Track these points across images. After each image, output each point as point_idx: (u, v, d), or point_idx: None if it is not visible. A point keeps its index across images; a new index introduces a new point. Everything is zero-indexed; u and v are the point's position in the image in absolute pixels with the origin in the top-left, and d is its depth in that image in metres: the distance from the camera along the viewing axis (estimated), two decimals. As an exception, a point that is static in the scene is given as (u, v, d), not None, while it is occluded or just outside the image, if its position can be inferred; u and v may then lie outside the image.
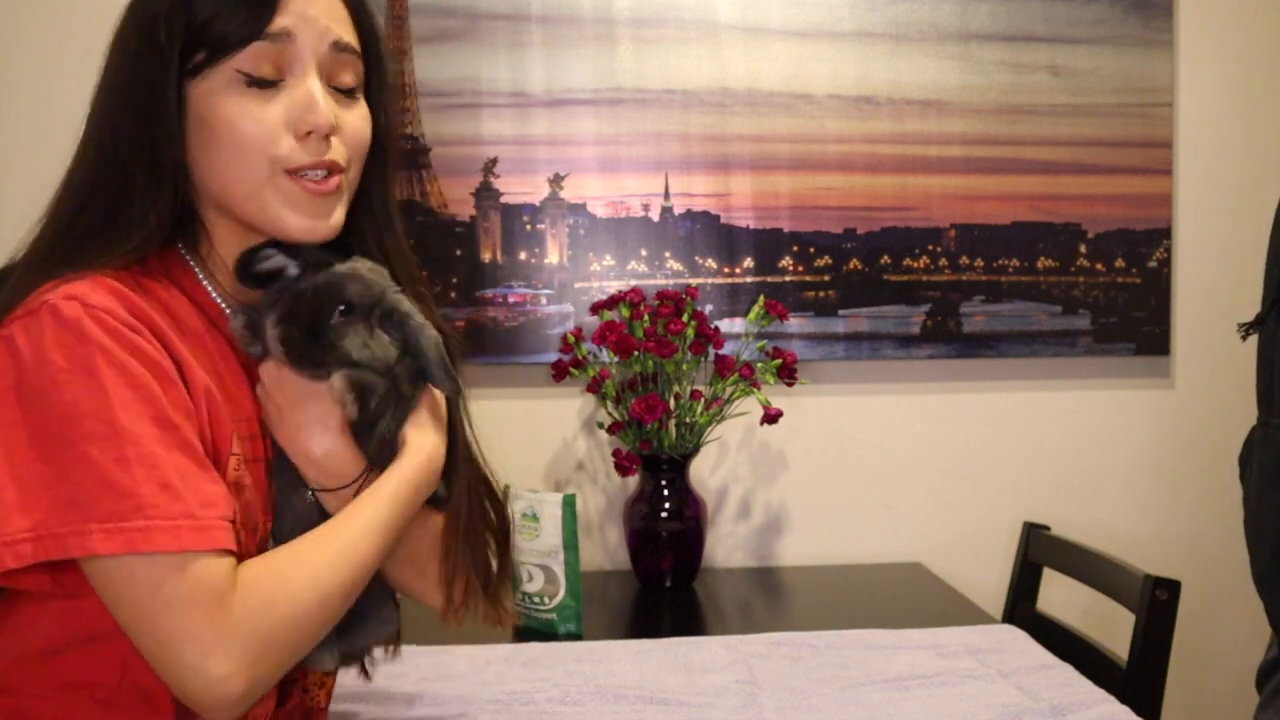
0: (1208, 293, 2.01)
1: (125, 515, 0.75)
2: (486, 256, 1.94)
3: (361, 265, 0.92)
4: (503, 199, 1.93)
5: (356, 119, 0.92)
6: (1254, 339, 1.29)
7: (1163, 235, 1.99)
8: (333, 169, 0.89)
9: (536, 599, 1.55)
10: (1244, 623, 1.93)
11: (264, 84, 0.85)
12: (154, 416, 0.78)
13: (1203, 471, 2.00)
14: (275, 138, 0.86)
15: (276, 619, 0.79)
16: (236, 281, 0.91)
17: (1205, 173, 2.00)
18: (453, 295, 1.93)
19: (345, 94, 0.91)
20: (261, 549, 0.88)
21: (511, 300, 1.94)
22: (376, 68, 0.95)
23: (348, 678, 1.32)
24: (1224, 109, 2.01)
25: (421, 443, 0.93)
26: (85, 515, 0.74)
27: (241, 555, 0.83)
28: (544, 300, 1.94)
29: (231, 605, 0.78)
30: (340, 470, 0.90)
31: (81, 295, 0.78)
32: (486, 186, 1.93)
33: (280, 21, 0.85)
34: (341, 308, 0.88)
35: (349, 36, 0.90)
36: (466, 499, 0.98)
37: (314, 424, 0.89)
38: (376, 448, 0.92)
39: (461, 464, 0.98)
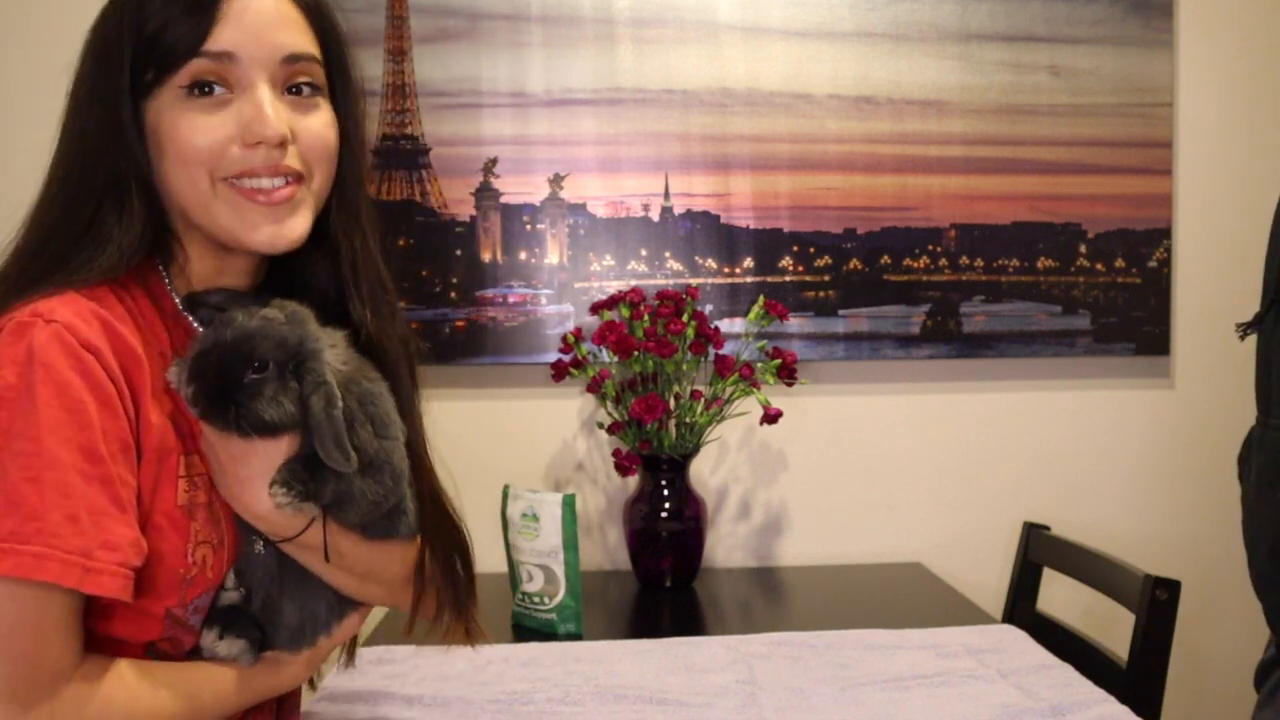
0: (1208, 293, 2.01)
1: (26, 538, 0.73)
2: (486, 256, 1.94)
3: (278, 312, 0.87)
4: (503, 199, 1.93)
5: (317, 125, 0.89)
6: (1253, 339, 1.30)
7: (1163, 235, 1.99)
8: (289, 176, 0.87)
9: (536, 599, 1.55)
10: (1244, 623, 1.93)
11: (207, 92, 0.84)
12: (82, 445, 0.76)
13: (1203, 471, 2.00)
14: (222, 150, 0.84)
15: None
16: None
17: (1205, 173, 2.00)
18: (453, 295, 1.93)
19: (303, 98, 0.88)
20: (226, 568, 0.88)
21: (511, 300, 1.94)
22: (339, 70, 0.92)
23: (345, 677, 1.32)
24: (1224, 109, 2.01)
25: (296, 674, 0.94)
26: None
27: (203, 574, 0.84)
28: (544, 300, 1.94)
29: (61, 681, 0.77)
30: (290, 523, 0.87)
31: (47, 312, 0.77)
32: (486, 186, 1.93)
33: (222, 36, 0.83)
34: (255, 365, 0.83)
35: (304, 44, 0.87)
36: (433, 529, 0.98)
37: (257, 480, 0.85)
38: (333, 493, 0.88)
39: (426, 501, 0.98)
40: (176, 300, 0.89)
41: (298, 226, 0.88)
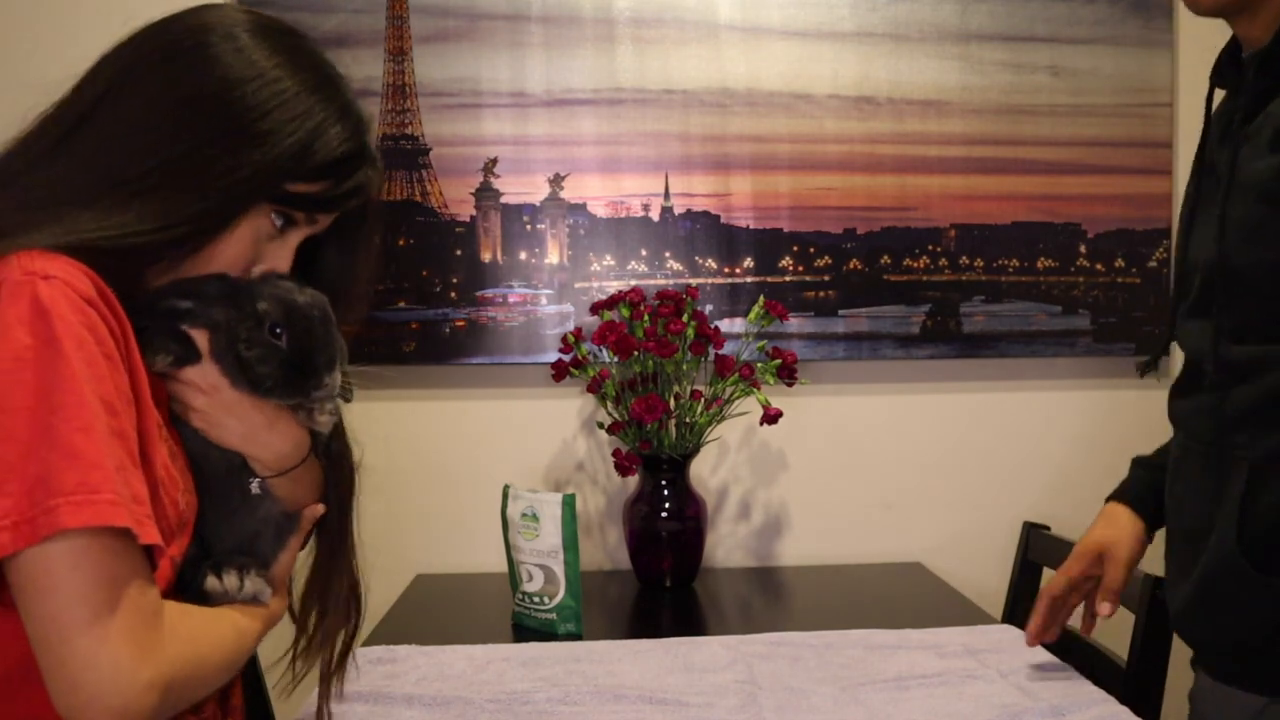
0: (1208, 293, 2.01)
1: (95, 486, 0.73)
2: (486, 256, 1.94)
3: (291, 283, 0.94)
4: (503, 199, 1.93)
5: None
6: None
7: (1162, 235, 1.99)
8: None
9: (536, 599, 1.55)
10: (1244, 623, 1.93)
11: (288, 225, 0.91)
12: (102, 397, 0.76)
13: (1203, 471, 2.00)
14: (243, 268, 0.90)
15: (197, 655, 0.81)
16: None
17: (1205, 173, 2.00)
18: (453, 295, 1.93)
19: None
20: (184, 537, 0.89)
21: (511, 300, 1.94)
22: None
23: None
24: (1224, 109, 2.00)
25: (277, 611, 0.97)
26: (51, 490, 0.72)
27: (191, 518, 0.86)
28: (544, 300, 1.94)
29: (162, 623, 0.78)
30: (302, 450, 0.94)
31: (40, 269, 0.76)
32: (486, 186, 1.93)
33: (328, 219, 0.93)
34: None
35: None
36: (339, 591, 1.01)
37: (280, 421, 0.92)
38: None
39: (345, 560, 1.01)
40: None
41: None
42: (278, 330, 0.88)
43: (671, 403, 1.75)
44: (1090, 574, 1.30)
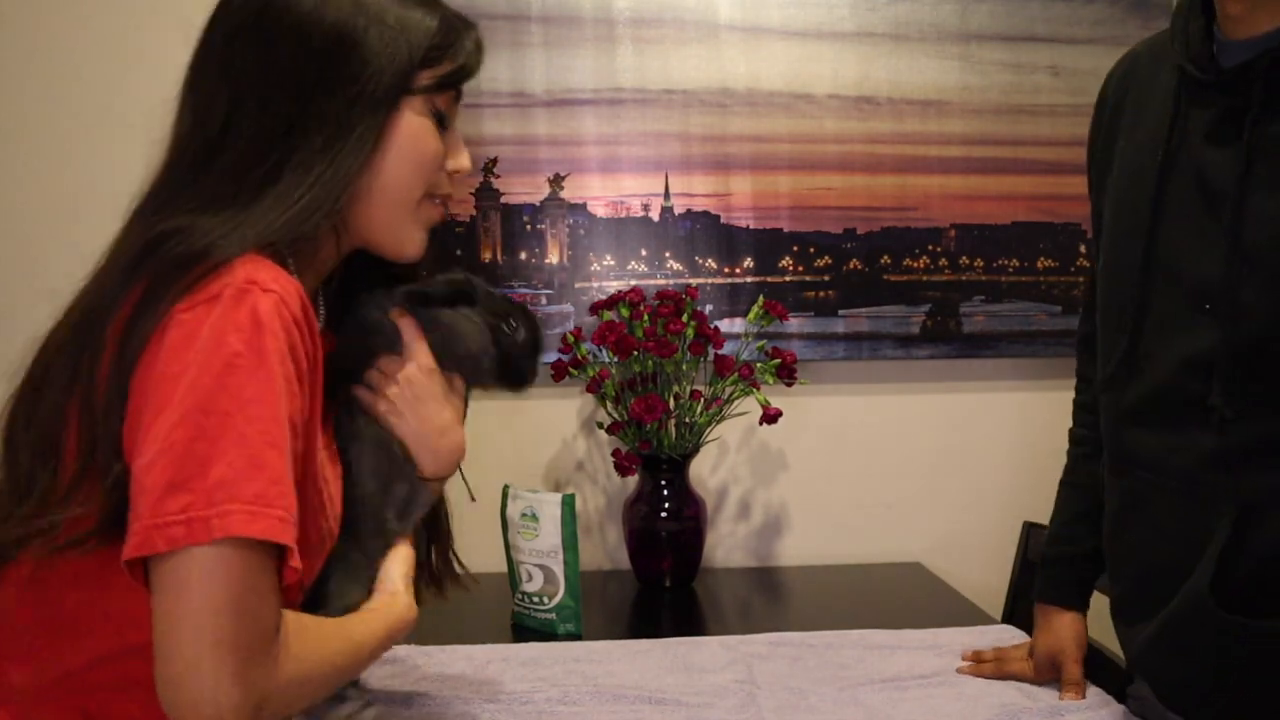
0: (1208, 293, 2.01)
1: (270, 501, 0.75)
2: (486, 256, 1.94)
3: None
4: (503, 199, 1.93)
5: None
6: None
7: (1163, 235, 1.99)
8: None
9: (536, 599, 1.55)
10: (1244, 623, 1.93)
11: (442, 122, 0.96)
12: (290, 417, 0.79)
13: (1203, 471, 2.00)
14: (439, 166, 0.97)
15: (300, 674, 0.81)
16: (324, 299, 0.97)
17: (1205, 173, 2.00)
18: (453, 295, 1.93)
19: None
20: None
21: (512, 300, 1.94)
22: None
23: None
24: (1224, 109, 2.00)
25: (410, 604, 1.01)
26: (231, 495, 0.74)
27: (326, 544, 0.91)
28: (544, 300, 1.94)
29: (277, 643, 0.79)
30: (453, 468, 1.05)
31: (262, 281, 0.79)
32: (486, 186, 1.93)
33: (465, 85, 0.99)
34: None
35: None
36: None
37: (451, 432, 1.02)
38: None
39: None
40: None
41: None
42: (513, 323, 1.04)
43: (671, 403, 1.76)
44: (1050, 677, 1.29)
